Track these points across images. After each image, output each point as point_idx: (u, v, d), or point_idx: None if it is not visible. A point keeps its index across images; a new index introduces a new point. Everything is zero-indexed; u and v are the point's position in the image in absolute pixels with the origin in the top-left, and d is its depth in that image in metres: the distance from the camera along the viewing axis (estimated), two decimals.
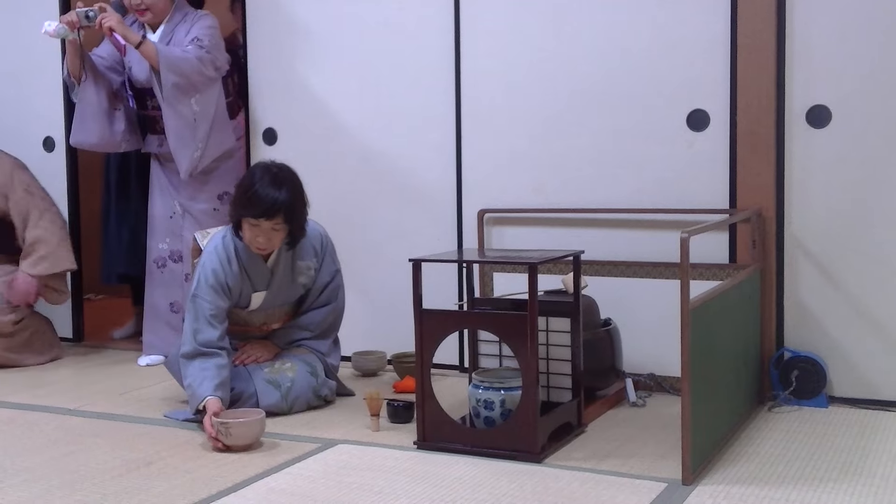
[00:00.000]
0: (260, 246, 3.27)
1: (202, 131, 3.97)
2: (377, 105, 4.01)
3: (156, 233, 4.20)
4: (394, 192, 4.00)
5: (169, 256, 4.17)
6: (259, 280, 3.38)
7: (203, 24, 4.04)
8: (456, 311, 3.41)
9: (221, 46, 4.06)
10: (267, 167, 3.27)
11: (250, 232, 3.24)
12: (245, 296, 3.38)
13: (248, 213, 3.21)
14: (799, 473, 2.63)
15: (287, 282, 3.44)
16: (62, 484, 2.65)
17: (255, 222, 3.21)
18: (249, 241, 3.27)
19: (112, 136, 4.11)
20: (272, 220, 3.21)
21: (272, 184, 3.19)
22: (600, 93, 3.60)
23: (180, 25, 4.08)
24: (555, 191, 3.70)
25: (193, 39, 3.96)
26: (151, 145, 4.19)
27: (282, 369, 3.37)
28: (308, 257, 3.46)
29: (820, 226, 3.32)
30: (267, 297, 3.42)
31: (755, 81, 3.34)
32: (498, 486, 2.56)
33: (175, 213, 4.16)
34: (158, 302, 4.19)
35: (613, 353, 3.37)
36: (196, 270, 3.37)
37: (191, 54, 3.90)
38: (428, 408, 2.91)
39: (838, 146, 3.28)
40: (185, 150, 3.95)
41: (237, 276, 3.31)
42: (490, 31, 3.77)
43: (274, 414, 3.25)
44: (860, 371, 3.30)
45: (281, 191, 3.19)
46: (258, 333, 3.51)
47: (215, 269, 3.28)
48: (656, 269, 3.50)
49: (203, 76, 3.93)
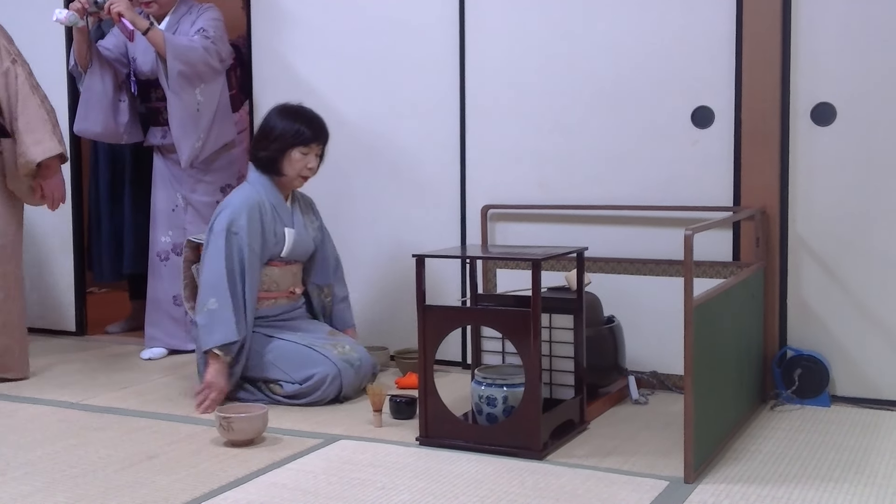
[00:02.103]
0: (312, 168, 3.49)
1: (205, 121, 3.98)
2: (382, 100, 4.01)
3: (158, 226, 4.20)
4: (397, 187, 4.00)
5: (172, 249, 4.17)
6: (286, 217, 3.52)
7: (209, 15, 4.05)
8: (459, 308, 3.41)
9: (226, 39, 4.07)
10: (285, 105, 3.54)
11: (301, 161, 3.46)
12: (280, 234, 3.47)
13: (302, 140, 3.43)
14: (801, 472, 2.63)
15: (303, 225, 3.57)
16: (64, 478, 2.65)
17: (305, 150, 3.44)
18: (299, 170, 3.47)
19: (116, 126, 4.13)
20: (322, 145, 3.51)
21: (309, 112, 3.51)
22: (605, 89, 3.59)
23: (185, 17, 4.09)
24: (559, 187, 3.69)
25: (199, 30, 3.98)
26: (155, 137, 4.19)
27: (346, 350, 3.44)
28: (308, 212, 3.64)
29: (824, 224, 3.32)
30: (296, 239, 3.51)
31: (760, 79, 3.33)
32: (500, 482, 2.56)
33: (178, 205, 4.17)
34: (161, 295, 4.19)
35: (616, 350, 3.36)
36: (224, 213, 3.42)
37: (197, 44, 3.92)
38: (430, 404, 2.91)
39: (843, 144, 3.27)
40: (188, 139, 3.95)
41: (271, 212, 3.45)
42: (495, 26, 3.76)
43: (346, 397, 3.38)
44: (863, 370, 3.30)
45: (320, 116, 3.53)
46: (286, 303, 3.53)
47: (252, 206, 3.40)
48: (660, 267, 3.50)
49: (208, 66, 3.94)
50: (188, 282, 3.65)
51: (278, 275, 3.52)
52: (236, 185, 4.08)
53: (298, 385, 3.35)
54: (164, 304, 4.19)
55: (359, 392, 3.44)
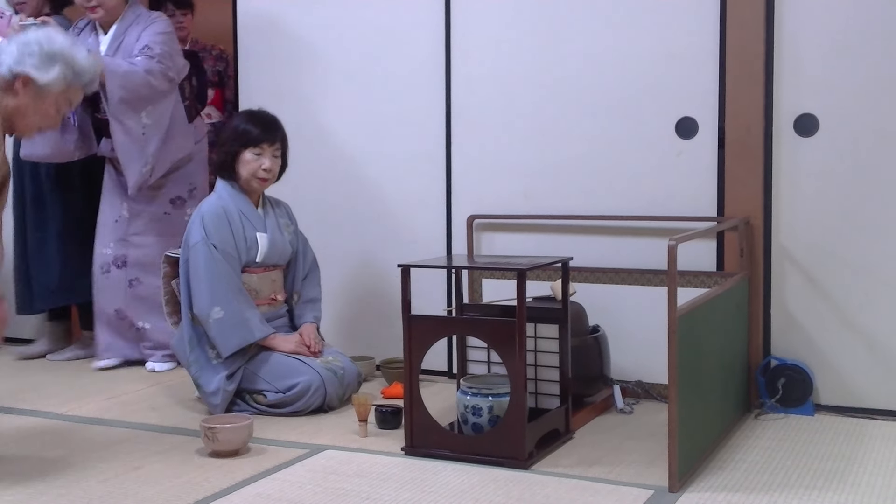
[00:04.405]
0: (266, 169, 3.44)
1: (153, 146, 3.87)
2: (367, 111, 4.02)
3: (101, 237, 4.11)
4: (383, 197, 4.00)
5: (112, 262, 4.08)
6: (257, 222, 3.49)
7: (155, 29, 3.91)
8: (444, 317, 3.41)
9: (175, 53, 3.95)
10: (245, 109, 3.57)
11: (254, 162, 3.43)
12: (251, 239, 3.45)
13: (250, 140, 3.41)
14: (785, 481, 2.64)
15: (277, 230, 3.55)
16: (48, 488, 2.63)
17: (258, 150, 3.42)
18: (253, 171, 3.43)
19: (64, 144, 3.99)
20: (274, 145, 3.45)
21: (263, 113, 3.50)
22: (590, 100, 3.61)
23: (132, 28, 3.96)
24: (544, 197, 3.70)
25: (143, 48, 3.85)
26: (106, 149, 4.05)
27: (330, 360, 3.44)
28: (283, 216, 3.62)
29: (807, 234, 3.34)
30: (269, 244, 3.49)
31: (744, 90, 3.36)
32: (485, 492, 2.57)
33: (120, 217, 4.08)
34: (105, 307, 4.11)
35: (601, 359, 3.37)
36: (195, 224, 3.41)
37: (139, 66, 3.80)
38: (416, 414, 2.91)
39: (825, 155, 3.30)
40: (133, 165, 3.87)
41: (238, 217, 3.44)
42: (481, 37, 3.78)
43: (330, 407, 3.36)
44: (846, 379, 3.32)
45: (274, 116, 3.50)
46: (268, 310, 3.51)
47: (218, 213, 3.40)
48: (644, 277, 3.51)
49: (152, 88, 3.83)
50: (169, 297, 3.64)
51: (257, 282, 3.50)
52: (187, 197, 4.10)
53: (282, 394, 3.34)
54: (109, 316, 4.11)
55: (343, 402, 3.43)
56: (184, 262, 3.44)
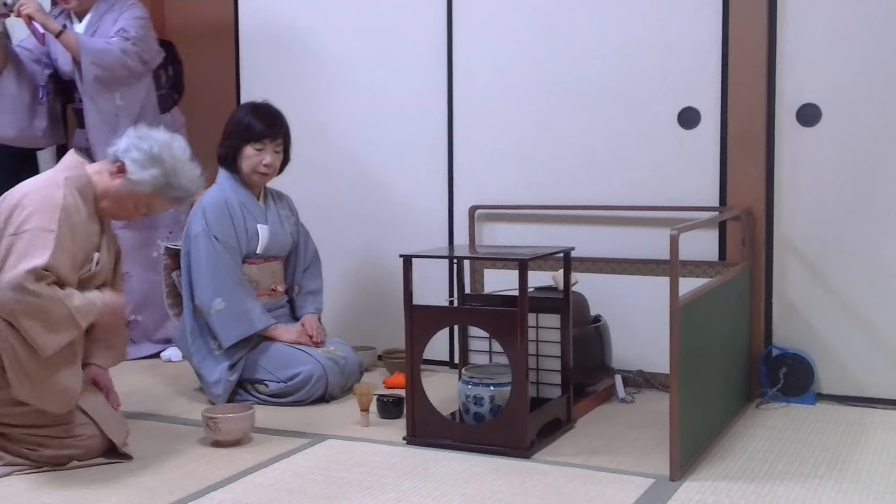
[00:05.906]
0: (267, 164, 3.44)
1: (124, 128, 3.83)
2: (369, 102, 4.01)
3: None
4: (385, 188, 4.00)
5: None
6: (258, 214, 3.49)
7: (130, 14, 3.93)
8: (446, 307, 3.41)
9: (150, 38, 3.96)
10: (249, 102, 3.55)
11: (256, 157, 3.42)
12: (252, 230, 3.45)
13: (252, 135, 3.40)
14: (786, 469, 2.65)
15: (278, 221, 3.55)
16: (49, 479, 2.64)
17: (258, 145, 3.41)
18: (254, 166, 3.43)
19: (32, 130, 3.99)
20: (276, 140, 3.44)
21: (266, 107, 3.48)
22: (592, 90, 3.60)
23: (107, 15, 3.97)
24: (546, 187, 3.70)
25: (119, 31, 3.86)
26: (80, 140, 4.02)
27: (331, 349, 3.45)
28: (284, 208, 3.62)
29: (809, 224, 3.33)
30: (270, 235, 3.49)
31: (746, 80, 3.35)
32: (486, 481, 2.57)
33: None
34: None
35: (603, 349, 3.37)
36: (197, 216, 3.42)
37: (114, 46, 3.81)
38: (417, 403, 2.91)
39: (828, 145, 3.29)
40: (104, 146, 3.85)
41: (239, 209, 3.44)
42: (482, 29, 3.77)
43: (332, 396, 3.37)
44: (847, 369, 3.32)
45: (277, 111, 3.49)
46: (268, 301, 3.51)
47: (219, 205, 3.39)
48: (646, 266, 3.51)
49: (127, 69, 3.83)
50: (170, 289, 3.65)
51: (257, 273, 3.50)
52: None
53: (283, 384, 3.35)
54: None
55: (345, 391, 3.44)
56: (185, 253, 3.44)
